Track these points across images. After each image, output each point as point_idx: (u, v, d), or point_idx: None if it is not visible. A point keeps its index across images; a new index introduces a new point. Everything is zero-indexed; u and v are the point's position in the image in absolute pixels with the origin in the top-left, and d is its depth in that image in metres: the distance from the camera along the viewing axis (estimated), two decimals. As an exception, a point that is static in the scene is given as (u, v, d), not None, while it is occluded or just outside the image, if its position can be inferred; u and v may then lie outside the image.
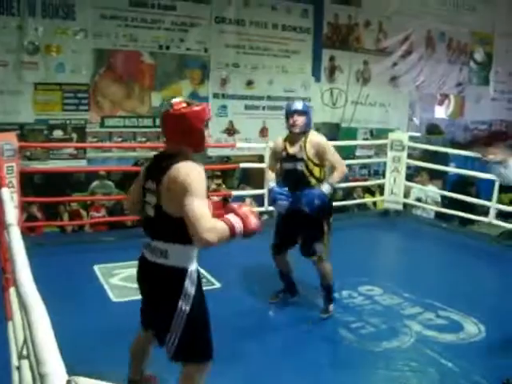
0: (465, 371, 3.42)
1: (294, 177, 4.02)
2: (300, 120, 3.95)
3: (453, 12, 11.58)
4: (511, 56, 12.69)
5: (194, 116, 2.39)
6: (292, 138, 4.05)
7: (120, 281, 4.77)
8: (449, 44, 11.81)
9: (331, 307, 4.20)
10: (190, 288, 2.38)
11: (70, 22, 7.86)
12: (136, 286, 2.62)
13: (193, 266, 2.42)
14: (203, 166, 2.37)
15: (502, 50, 12.53)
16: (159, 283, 2.42)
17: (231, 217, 2.27)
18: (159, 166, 2.38)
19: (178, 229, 2.26)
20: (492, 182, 6.43)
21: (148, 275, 2.49)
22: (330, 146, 4.04)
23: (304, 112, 3.98)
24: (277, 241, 4.22)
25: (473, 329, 4.04)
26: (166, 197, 2.31)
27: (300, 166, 3.97)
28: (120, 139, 8.48)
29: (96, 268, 5.09)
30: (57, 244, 5.99)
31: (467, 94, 12.31)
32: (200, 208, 2.17)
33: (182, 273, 2.37)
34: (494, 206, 6.57)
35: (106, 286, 4.68)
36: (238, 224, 2.24)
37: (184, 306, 2.36)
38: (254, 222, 2.30)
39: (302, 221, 3.99)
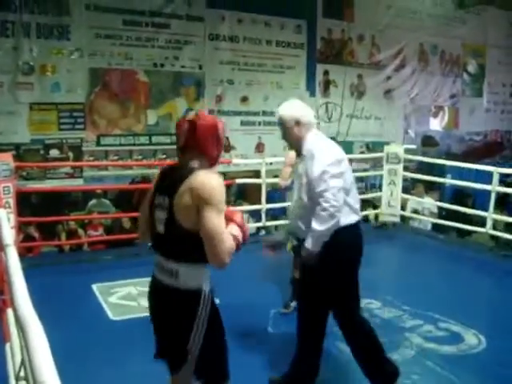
0: (466, 383, 3.40)
1: None
2: None
3: (444, 25, 11.70)
4: (504, 67, 12.82)
5: (222, 126, 2.36)
6: None
7: (118, 299, 4.74)
8: (441, 56, 11.93)
9: (294, 304, 4.31)
10: (204, 311, 2.20)
11: (64, 42, 7.88)
12: (134, 303, 2.60)
13: (207, 287, 2.24)
14: (222, 177, 2.22)
15: (495, 61, 12.66)
16: (170, 306, 2.21)
17: (235, 230, 2.17)
18: (172, 178, 2.20)
19: (192, 246, 2.10)
20: (488, 193, 6.46)
21: (158, 296, 2.29)
22: None
23: None
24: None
25: (473, 340, 4.02)
26: (182, 209, 2.10)
27: None
28: (116, 157, 8.48)
29: (94, 287, 5.06)
30: (54, 264, 5.97)
31: (461, 105, 12.40)
32: (221, 226, 2.07)
33: (196, 295, 2.19)
34: (490, 216, 6.58)
35: (104, 305, 4.65)
36: (240, 238, 2.18)
37: (200, 329, 2.19)
38: (248, 230, 2.26)
39: None
